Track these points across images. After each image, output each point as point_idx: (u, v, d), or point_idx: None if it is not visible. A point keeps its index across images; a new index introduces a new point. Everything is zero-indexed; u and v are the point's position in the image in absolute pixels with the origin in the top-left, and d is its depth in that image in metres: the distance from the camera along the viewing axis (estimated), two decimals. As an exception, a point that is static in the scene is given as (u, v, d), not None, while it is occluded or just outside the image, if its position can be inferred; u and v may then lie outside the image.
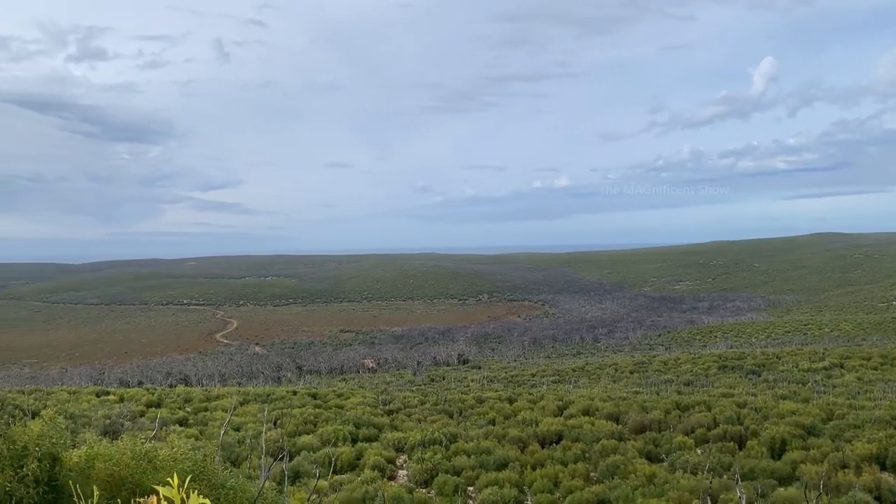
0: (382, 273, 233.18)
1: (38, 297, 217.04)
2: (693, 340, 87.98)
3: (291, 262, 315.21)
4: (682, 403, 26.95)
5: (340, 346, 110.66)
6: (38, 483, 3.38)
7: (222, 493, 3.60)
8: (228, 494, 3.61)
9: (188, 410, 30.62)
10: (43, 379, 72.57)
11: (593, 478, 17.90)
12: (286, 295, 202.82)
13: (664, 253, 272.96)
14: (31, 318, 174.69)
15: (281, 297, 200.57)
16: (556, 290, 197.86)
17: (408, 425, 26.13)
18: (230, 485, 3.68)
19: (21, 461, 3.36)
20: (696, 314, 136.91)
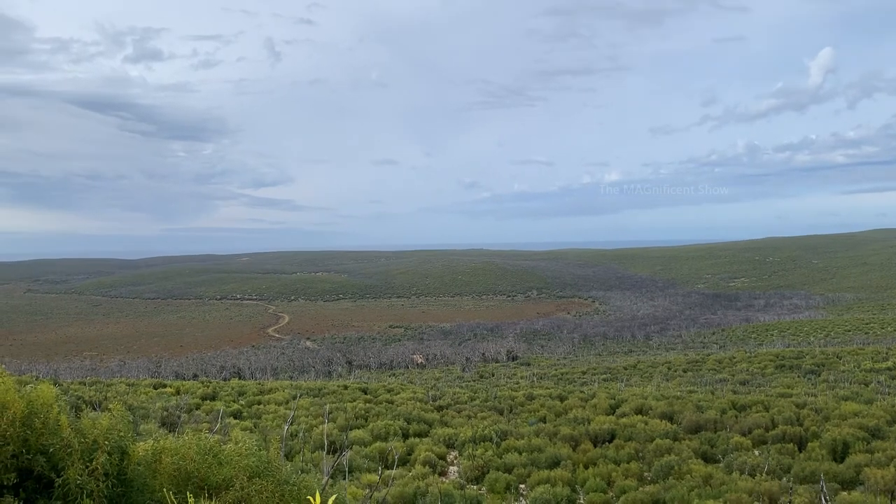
0: (431, 269, 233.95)
1: (97, 292, 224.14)
2: (748, 339, 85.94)
3: (341, 258, 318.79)
4: (739, 403, 26.33)
5: (389, 342, 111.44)
6: (108, 477, 3.41)
7: (286, 490, 3.60)
8: (293, 491, 3.60)
9: (242, 403, 31.17)
10: (102, 371, 74.93)
11: (647, 478, 17.60)
12: (336, 290, 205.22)
13: (718, 249, 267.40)
14: (91, 312, 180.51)
15: (331, 292, 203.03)
16: (606, 287, 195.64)
17: (458, 421, 26.12)
18: (293, 481, 3.68)
19: (91, 454, 3.40)
20: (751, 312, 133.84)
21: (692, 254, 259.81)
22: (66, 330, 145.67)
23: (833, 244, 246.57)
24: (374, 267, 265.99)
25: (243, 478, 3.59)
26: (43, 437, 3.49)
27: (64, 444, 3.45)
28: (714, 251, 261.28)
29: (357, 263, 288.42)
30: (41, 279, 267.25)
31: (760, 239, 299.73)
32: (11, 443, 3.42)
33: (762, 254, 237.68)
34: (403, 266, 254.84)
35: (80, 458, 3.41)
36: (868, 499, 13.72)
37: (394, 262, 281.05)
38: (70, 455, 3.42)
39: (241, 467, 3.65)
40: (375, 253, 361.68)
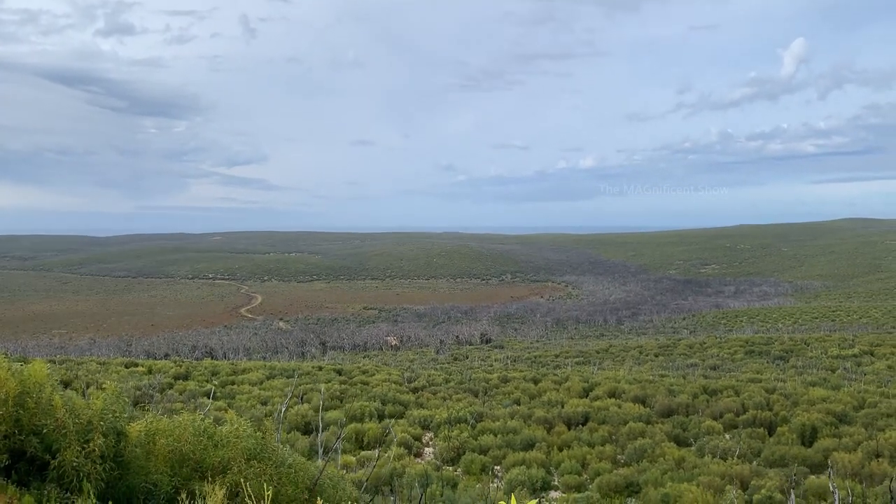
0: (406, 251, 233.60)
1: (66, 269, 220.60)
2: (718, 324, 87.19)
3: (315, 239, 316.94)
4: (710, 388, 26.73)
5: (364, 323, 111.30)
6: (105, 459, 3.34)
7: (284, 473, 3.55)
8: (290, 473, 3.56)
9: (215, 384, 30.93)
10: (72, 349, 73.90)
11: (621, 460, 17.83)
12: (310, 271, 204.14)
13: (690, 236, 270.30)
14: (59, 289, 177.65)
15: (305, 273, 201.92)
16: (579, 272, 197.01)
17: (433, 403, 26.20)
18: (289, 463, 3.64)
19: (86, 436, 3.33)
20: (721, 298, 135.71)
21: (664, 240, 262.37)
22: (33, 307, 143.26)
23: (802, 233, 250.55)
24: (349, 248, 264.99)
25: (241, 460, 3.54)
26: (36, 418, 3.41)
27: (58, 425, 3.37)
28: (686, 237, 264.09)
29: (331, 244, 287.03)
30: (8, 255, 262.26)
31: (732, 226, 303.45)
32: (3, 423, 3.33)
33: (733, 241, 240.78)
34: (378, 248, 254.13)
35: (76, 439, 3.33)
36: (836, 482, 14.03)
37: (369, 244, 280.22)
38: (65, 436, 3.34)
39: (238, 449, 3.60)
40: (350, 234, 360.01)
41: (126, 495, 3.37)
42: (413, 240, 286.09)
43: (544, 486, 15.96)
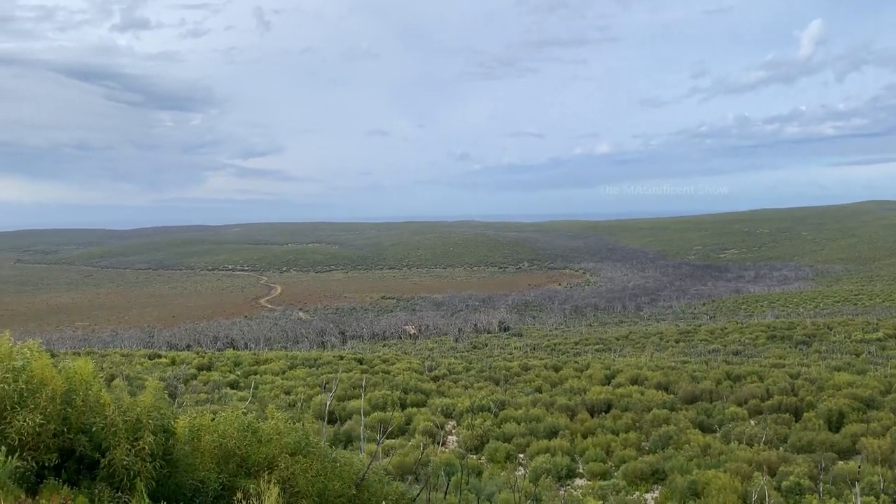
0: (422, 241, 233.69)
1: (87, 262, 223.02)
2: (738, 310, 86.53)
3: (332, 229, 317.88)
4: (733, 373, 26.53)
5: (382, 313, 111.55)
6: (154, 458, 3.33)
7: (329, 467, 3.53)
8: (335, 468, 3.53)
9: (238, 374, 31.17)
10: (95, 341, 74.70)
11: (645, 447, 17.74)
12: (328, 261, 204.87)
13: (708, 221, 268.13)
14: (81, 282, 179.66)
15: (323, 263, 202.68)
16: (597, 259, 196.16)
17: (455, 392, 26.22)
18: (333, 457, 3.61)
19: (135, 434, 3.32)
20: (741, 283, 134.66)
21: (682, 225, 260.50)
22: (56, 300, 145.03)
23: (822, 216, 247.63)
24: (366, 238, 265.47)
25: (286, 456, 3.52)
26: (84, 416, 3.40)
27: (107, 423, 3.36)
28: (704, 223, 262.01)
29: (348, 235, 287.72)
30: (30, 249, 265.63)
31: (750, 210, 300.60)
32: (52, 421, 3.33)
33: (752, 225, 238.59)
34: (395, 237, 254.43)
35: (126, 437, 3.32)
36: (865, 468, 13.87)
37: (385, 234, 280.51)
38: (114, 434, 3.33)
39: (280, 445, 3.58)
40: (367, 224, 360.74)
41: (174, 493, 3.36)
42: (429, 229, 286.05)
43: (569, 473, 15.94)
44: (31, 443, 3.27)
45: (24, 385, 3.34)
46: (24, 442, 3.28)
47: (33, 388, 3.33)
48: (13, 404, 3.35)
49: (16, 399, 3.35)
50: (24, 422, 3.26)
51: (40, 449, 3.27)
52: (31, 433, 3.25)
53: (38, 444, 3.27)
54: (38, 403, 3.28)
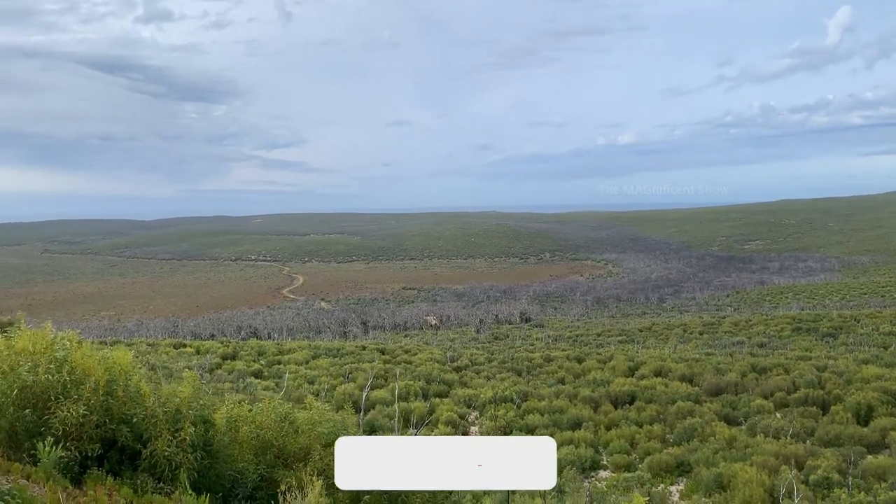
0: (444, 231, 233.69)
1: (112, 252, 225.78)
2: (763, 301, 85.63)
3: (354, 220, 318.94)
4: (758, 366, 26.27)
5: (403, 303, 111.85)
6: (195, 448, 3.35)
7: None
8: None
9: (262, 363, 31.43)
10: (121, 330, 75.67)
11: (670, 440, 17.65)
12: (350, 252, 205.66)
13: (733, 211, 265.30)
14: (107, 272, 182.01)
15: (344, 254, 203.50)
16: (619, 250, 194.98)
17: (477, 382, 26.25)
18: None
19: (176, 425, 3.35)
20: (766, 274, 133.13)
21: (706, 216, 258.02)
22: (82, 289, 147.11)
23: (849, 207, 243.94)
24: (387, 229, 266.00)
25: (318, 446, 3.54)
26: (125, 406, 3.44)
27: (148, 414, 3.39)
28: (728, 213, 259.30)
29: (369, 225, 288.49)
30: (57, 239, 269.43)
31: (775, 201, 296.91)
32: (95, 412, 3.37)
33: (777, 216, 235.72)
34: (416, 228, 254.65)
35: (167, 428, 3.35)
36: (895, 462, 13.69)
37: (406, 225, 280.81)
38: (155, 425, 3.36)
39: (315, 436, 3.60)
40: (387, 215, 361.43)
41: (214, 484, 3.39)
42: (450, 220, 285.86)
43: (593, 465, 15.91)
44: (74, 433, 3.32)
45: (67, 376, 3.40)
46: (67, 432, 3.33)
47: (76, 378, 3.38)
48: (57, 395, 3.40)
49: (59, 390, 3.40)
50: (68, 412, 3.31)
51: (83, 439, 3.32)
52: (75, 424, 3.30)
53: (82, 434, 3.32)
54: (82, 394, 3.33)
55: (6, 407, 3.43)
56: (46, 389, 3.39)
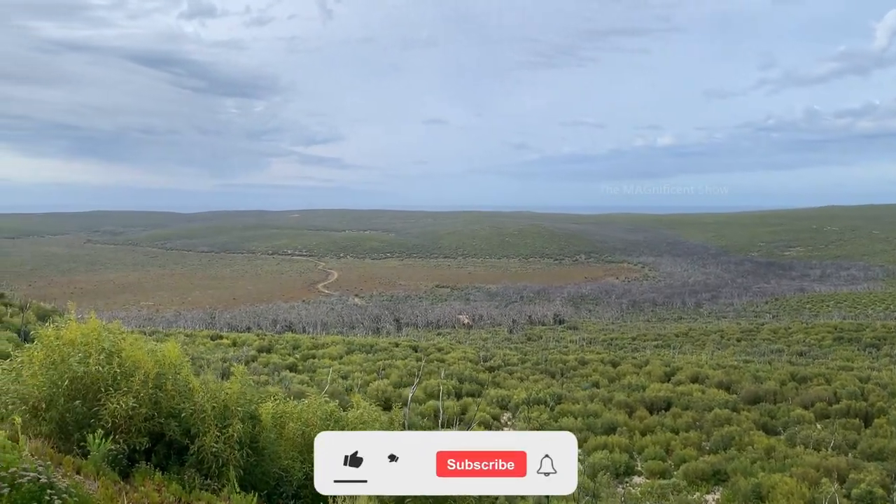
0: (478, 230, 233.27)
1: (153, 244, 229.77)
2: (803, 309, 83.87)
3: (389, 217, 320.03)
4: (798, 375, 25.74)
5: (436, 301, 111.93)
6: (242, 445, 3.33)
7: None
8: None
9: (297, 357, 31.69)
10: (159, 321, 76.92)
11: (706, 447, 17.36)
12: (384, 249, 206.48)
13: (774, 217, 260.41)
14: (147, 263, 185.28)
15: (379, 250, 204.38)
16: (657, 253, 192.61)
17: (510, 383, 26.14)
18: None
19: (224, 421, 3.35)
20: (806, 282, 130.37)
21: (746, 221, 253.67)
22: (123, 280, 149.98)
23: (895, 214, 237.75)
24: (421, 227, 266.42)
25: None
26: (174, 400, 3.44)
27: (197, 409, 3.39)
28: (769, 218, 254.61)
29: (404, 223, 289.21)
30: (99, 230, 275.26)
31: (818, 207, 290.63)
32: (143, 405, 3.37)
33: (819, 222, 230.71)
34: (450, 226, 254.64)
35: (214, 424, 3.34)
36: (942, 480, 13.28)
37: (441, 223, 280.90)
38: (203, 421, 3.35)
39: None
40: (422, 213, 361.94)
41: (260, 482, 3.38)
42: (485, 219, 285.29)
43: (627, 471, 15.72)
44: (123, 426, 3.34)
45: (117, 368, 3.42)
46: (116, 425, 3.34)
47: (126, 370, 3.40)
48: (107, 386, 3.42)
49: (109, 381, 3.42)
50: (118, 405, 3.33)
51: (132, 432, 3.33)
52: (124, 416, 3.31)
53: (130, 427, 3.33)
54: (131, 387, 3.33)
55: (57, 398, 3.45)
56: (96, 381, 3.41)
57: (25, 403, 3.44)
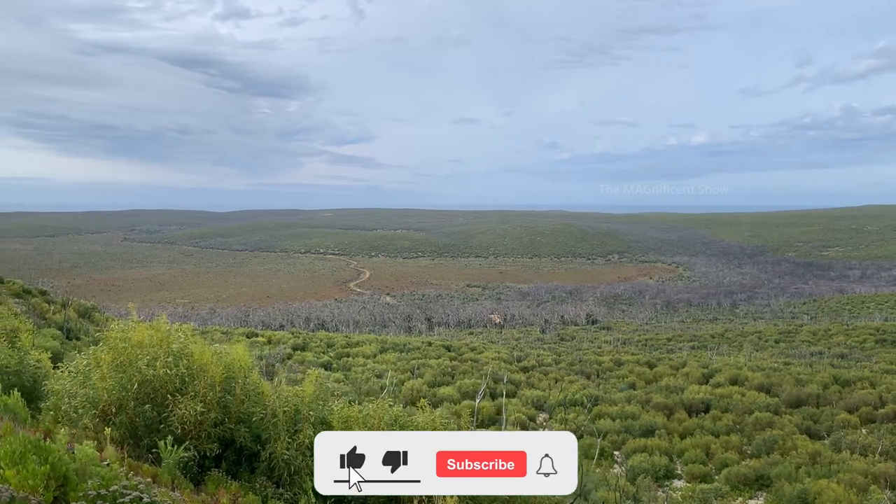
0: (509, 229, 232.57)
1: (188, 242, 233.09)
2: (842, 311, 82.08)
3: (420, 216, 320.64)
4: (841, 378, 25.16)
5: (467, 300, 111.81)
6: (313, 452, 3.28)
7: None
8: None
9: (331, 355, 31.88)
10: (195, 318, 77.96)
11: (747, 451, 17.05)
12: (415, 248, 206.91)
13: (811, 216, 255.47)
14: (183, 261, 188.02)
15: (410, 249, 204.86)
16: (691, 253, 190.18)
17: (545, 384, 25.97)
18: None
19: (295, 426, 3.31)
20: (845, 283, 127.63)
21: (783, 220, 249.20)
22: (160, 277, 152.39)
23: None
24: (453, 226, 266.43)
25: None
26: (244, 405, 3.40)
27: (267, 414, 3.35)
28: (806, 218, 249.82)
29: (435, 222, 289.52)
30: (136, 228, 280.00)
31: (857, 206, 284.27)
32: (212, 410, 3.34)
33: (859, 222, 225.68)
34: (482, 226, 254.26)
35: (286, 429, 3.30)
36: None
37: (472, 222, 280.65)
38: (274, 426, 3.32)
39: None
40: (453, 212, 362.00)
41: (328, 489, 3.35)
42: (516, 218, 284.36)
43: (667, 474, 15.49)
44: (192, 431, 3.31)
45: (184, 370, 3.40)
46: (186, 431, 3.32)
47: (193, 373, 3.37)
48: (174, 390, 3.40)
49: (177, 385, 3.40)
50: (187, 409, 3.30)
51: (201, 438, 3.29)
52: (193, 421, 3.28)
53: (200, 433, 3.30)
54: (199, 390, 3.30)
55: (126, 402, 3.43)
56: (164, 384, 3.39)
57: (95, 407, 3.44)
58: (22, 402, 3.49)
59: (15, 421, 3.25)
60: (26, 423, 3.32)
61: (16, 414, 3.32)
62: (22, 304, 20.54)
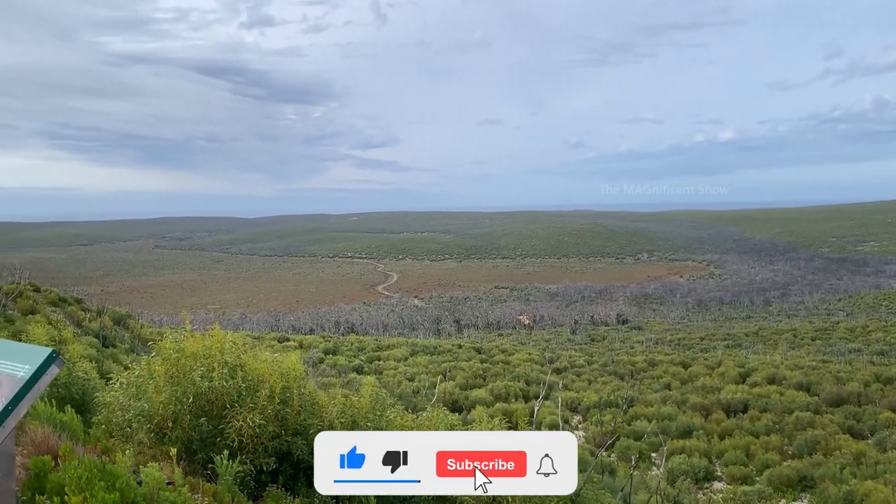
0: (537, 230, 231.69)
1: (218, 248, 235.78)
2: (880, 307, 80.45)
3: (446, 219, 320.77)
4: (883, 376, 24.62)
5: (495, 302, 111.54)
6: None
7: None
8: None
9: (362, 359, 31.92)
10: (225, 323, 78.66)
11: (789, 452, 16.72)
12: (442, 250, 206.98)
13: (844, 211, 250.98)
14: (213, 267, 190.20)
15: (437, 252, 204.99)
16: (722, 250, 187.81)
17: (578, 385, 25.76)
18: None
19: None
20: (882, 278, 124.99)
21: (815, 215, 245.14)
22: (190, 283, 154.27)
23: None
24: (479, 227, 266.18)
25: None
26: (300, 417, 3.36)
27: (325, 426, 3.30)
28: (840, 213, 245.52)
29: (462, 224, 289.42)
30: (167, 236, 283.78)
31: (891, 200, 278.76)
32: (270, 422, 3.30)
33: (894, 216, 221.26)
34: (508, 227, 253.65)
35: None
36: None
37: (499, 223, 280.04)
38: None
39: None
40: (480, 214, 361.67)
41: (385, 505, 3.29)
42: (543, 218, 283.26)
43: (707, 476, 15.24)
44: (249, 445, 3.26)
45: (241, 382, 3.35)
46: (243, 444, 3.27)
47: (250, 385, 3.32)
48: (231, 402, 3.35)
49: (234, 397, 3.35)
50: (244, 422, 3.25)
51: (258, 452, 3.24)
52: (250, 434, 3.24)
53: (257, 446, 3.25)
54: (257, 402, 3.25)
55: (182, 415, 3.39)
56: (221, 396, 3.35)
57: (150, 421, 3.40)
58: (77, 418, 3.47)
59: (73, 440, 3.22)
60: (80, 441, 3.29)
61: (73, 431, 3.30)
62: (58, 312, 20.81)
